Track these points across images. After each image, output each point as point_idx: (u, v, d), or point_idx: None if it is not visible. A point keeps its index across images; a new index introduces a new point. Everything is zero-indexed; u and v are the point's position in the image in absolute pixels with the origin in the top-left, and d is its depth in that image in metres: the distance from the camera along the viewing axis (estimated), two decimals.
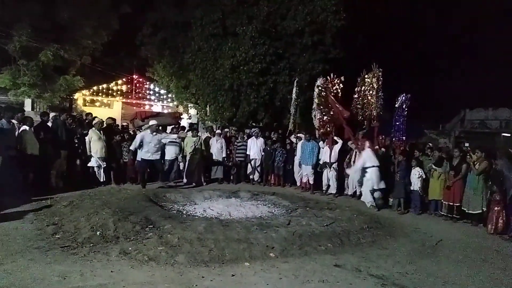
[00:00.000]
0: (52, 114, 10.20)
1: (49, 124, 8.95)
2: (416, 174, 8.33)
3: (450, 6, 22.03)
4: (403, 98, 8.66)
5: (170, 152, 10.27)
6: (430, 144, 10.23)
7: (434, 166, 8.28)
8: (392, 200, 8.89)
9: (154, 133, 9.44)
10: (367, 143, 8.53)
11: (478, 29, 21.53)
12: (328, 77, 9.61)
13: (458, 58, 23.17)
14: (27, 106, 15.47)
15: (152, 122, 9.93)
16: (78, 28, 15.73)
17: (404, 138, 8.65)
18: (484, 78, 22.44)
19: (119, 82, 19.27)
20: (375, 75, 8.89)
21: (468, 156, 7.72)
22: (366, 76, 9.36)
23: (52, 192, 7.97)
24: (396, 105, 8.98)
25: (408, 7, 20.06)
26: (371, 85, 8.88)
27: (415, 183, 8.33)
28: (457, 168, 7.85)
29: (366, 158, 8.36)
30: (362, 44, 17.36)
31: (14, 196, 7.12)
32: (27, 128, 8.05)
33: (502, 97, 19.63)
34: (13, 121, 8.23)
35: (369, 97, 8.84)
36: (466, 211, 7.61)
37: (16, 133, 8.07)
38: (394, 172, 8.65)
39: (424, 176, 8.34)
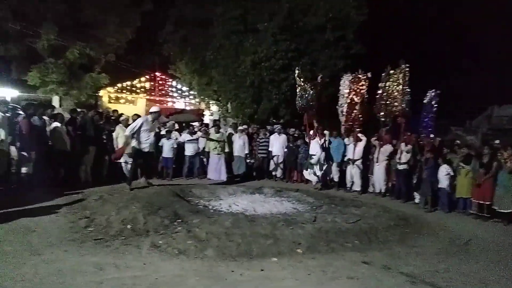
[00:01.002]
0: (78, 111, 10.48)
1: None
2: (443, 172, 8.16)
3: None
4: (432, 94, 8.46)
5: (190, 149, 10.51)
6: (458, 141, 9.99)
7: (462, 164, 8.10)
8: (419, 197, 8.75)
9: (154, 122, 8.06)
10: (312, 134, 9.98)
11: (506, 23, 20.76)
12: (356, 72, 9.49)
13: (485, 53, 22.44)
14: (55, 103, 15.93)
15: (154, 108, 8.26)
16: (102, 26, 16.04)
17: (432, 135, 8.47)
18: None
19: (143, 79, 19.63)
20: (402, 70, 8.72)
21: (499, 154, 7.51)
22: (392, 71, 9.21)
23: (82, 186, 8.19)
24: (425, 101, 8.79)
25: (433, 1, 19.58)
26: (397, 81, 8.72)
27: (443, 181, 8.16)
28: (487, 166, 7.64)
29: (312, 146, 9.83)
30: (384, 39, 17.13)
31: (47, 190, 7.38)
32: (59, 124, 8.30)
33: None
34: (45, 117, 8.50)
35: (396, 93, 8.67)
36: (497, 210, 7.41)
37: (48, 129, 8.33)
38: (421, 170, 8.49)
39: (452, 174, 8.16)
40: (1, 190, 7.24)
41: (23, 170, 7.61)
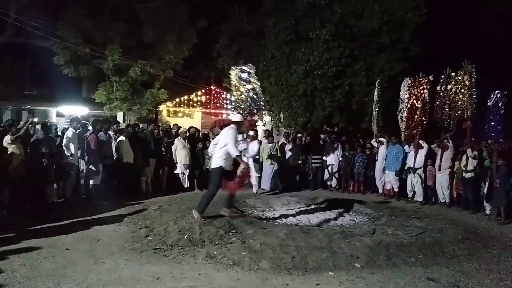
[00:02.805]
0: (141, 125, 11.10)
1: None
2: None
3: None
4: (498, 95, 7.76)
5: (244, 158, 10.57)
6: None
7: None
8: (490, 208, 8.01)
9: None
10: (252, 135, 9.49)
11: None
12: (416, 76, 8.98)
13: None
14: (119, 119, 17.02)
15: (237, 117, 6.90)
16: (161, 45, 16.95)
17: (501, 140, 7.74)
18: None
19: (199, 93, 20.33)
20: (467, 71, 8.10)
21: None
22: (454, 73, 8.61)
23: (143, 197, 8.59)
24: (489, 104, 8.10)
25: None
26: (462, 83, 8.11)
27: None
28: None
29: (254, 148, 9.18)
30: (444, 39, 16.20)
31: (112, 201, 7.85)
32: (124, 138, 8.83)
33: None
34: (110, 132, 9.08)
35: (461, 96, 8.06)
36: None
37: (113, 143, 8.88)
38: (491, 178, 7.77)
39: None
40: (72, 201, 7.82)
41: (91, 182, 8.17)
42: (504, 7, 16.69)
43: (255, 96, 9.10)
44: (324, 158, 10.90)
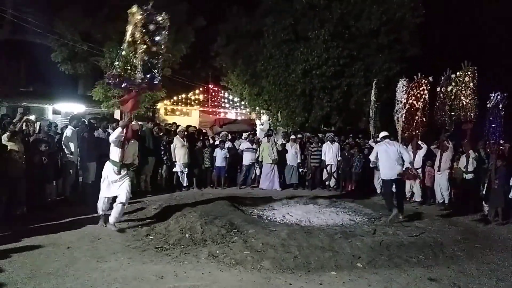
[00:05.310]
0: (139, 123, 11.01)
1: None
2: None
3: None
4: (498, 97, 7.82)
5: (247, 158, 10.60)
6: None
7: None
8: (487, 209, 8.07)
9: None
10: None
11: None
12: (415, 77, 9.01)
13: None
14: (117, 117, 16.91)
15: (383, 133, 7.96)
16: None
17: (502, 141, 7.79)
18: None
19: (196, 92, 20.31)
20: (468, 73, 8.13)
21: None
22: (453, 75, 8.65)
23: (141, 195, 8.55)
24: (489, 105, 8.15)
25: None
26: (463, 84, 8.15)
27: None
28: None
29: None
30: (443, 40, 16.31)
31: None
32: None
33: None
34: (109, 130, 9.01)
35: (463, 97, 8.10)
36: None
37: None
38: (490, 179, 7.83)
39: None
40: (71, 199, 7.76)
41: (90, 179, 8.11)
42: (502, 7, 16.80)
43: (153, 62, 6.16)
44: (322, 158, 10.93)
